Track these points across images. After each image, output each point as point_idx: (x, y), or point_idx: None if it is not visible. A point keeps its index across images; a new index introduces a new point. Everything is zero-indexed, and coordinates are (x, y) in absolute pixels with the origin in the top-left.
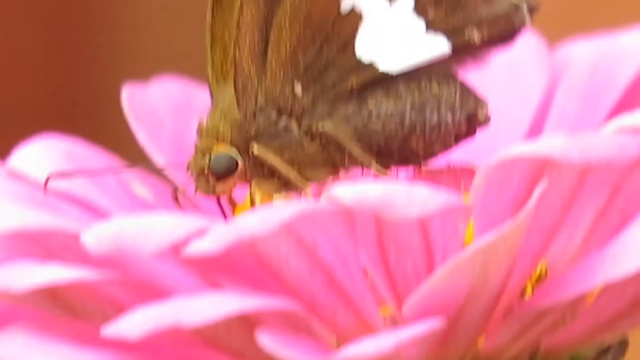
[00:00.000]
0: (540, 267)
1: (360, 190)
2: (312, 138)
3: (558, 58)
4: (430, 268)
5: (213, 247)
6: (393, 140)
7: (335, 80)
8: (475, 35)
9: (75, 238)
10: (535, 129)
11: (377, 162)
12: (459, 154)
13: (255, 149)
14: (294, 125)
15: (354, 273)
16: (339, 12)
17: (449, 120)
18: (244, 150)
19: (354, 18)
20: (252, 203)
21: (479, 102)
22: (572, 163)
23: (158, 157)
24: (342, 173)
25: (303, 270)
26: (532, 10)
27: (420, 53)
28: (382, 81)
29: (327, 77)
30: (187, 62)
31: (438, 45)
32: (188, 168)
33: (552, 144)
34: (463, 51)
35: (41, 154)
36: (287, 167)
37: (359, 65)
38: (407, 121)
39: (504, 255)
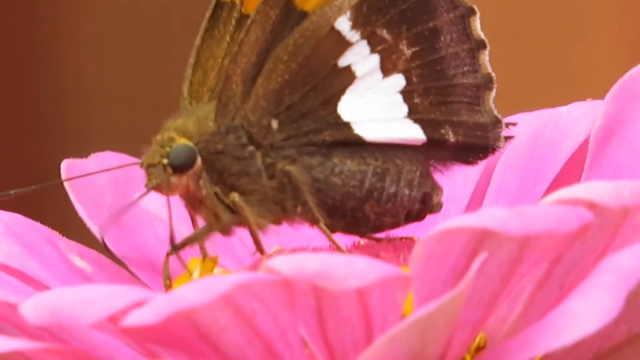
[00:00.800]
0: (479, 338)
1: (299, 260)
2: (272, 175)
3: None
4: (369, 339)
5: (152, 317)
6: (349, 199)
7: (310, 129)
8: (451, 135)
9: (13, 308)
10: (475, 202)
11: (326, 221)
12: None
13: (235, 198)
14: (258, 156)
15: (293, 344)
16: (335, 66)
17: (406, 194)
18: (205, 159)
19: (347, 76)
20: (190, 274)
21: (435, 186)
22: (512, 234)
23: (96, 229)
24: (287, 220)
25: (242, 340)
26: (507, 138)
27: (396, 133)
28: (352, 144)
29: (305, 123)
30: (126, 141)
31: (414, 132)
32: (142, 164)
33: (492, 215)
34: (436, 145)
35: None
36: (255, 220)
37: (337, 122)
38: (366, 183)
39: (443, 326)
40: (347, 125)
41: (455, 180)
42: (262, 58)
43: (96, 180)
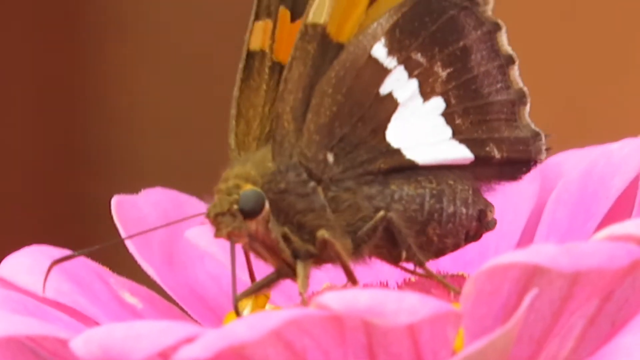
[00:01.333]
0: None
1: (350, 296)
2: (337, 209)
3: (549, 167)
4: None
5: (202, 352)
6: (412, 224)
7: (364, 159)
8: (496, 152)
9: (64, 344)
10: (526, 238)
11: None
12: (450, 264)
13: (324, 235)
14: (320, 191)
15: None
16: (377, 94)
17: (463, 212)
18: (271, 202)
19: (390, 104)
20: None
21: (488, 203)
22: (562, 271)
23: (147, 267)
24: (362, 253)
25: None
26: (548, 149)
27: (445, 154)
28: (406, 169)
29: (358, 153)
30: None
31: (462, 152)
32: (208, 213)
33: (542, 251)
34: (482, 163)
35: (30, 263)
36: (347, 260)
37: (388, 150)
38: (426, 205)
39: None
40: (398, 152)
41: (505, 217)
42: (308, 93)
43: (147, 216)
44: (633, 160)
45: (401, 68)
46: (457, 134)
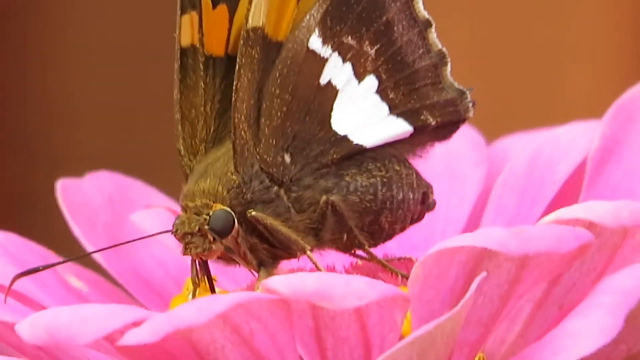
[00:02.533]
0: (478, 358)
1: (297, 280)
2: (301, 210)
3: (496, 151)
4: (367, 358)
5: (149, 336)
6: (368, 214)
7: (317, 153)
8: (430, 119)
9: (10, 327)
10: (473, 223)
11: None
12: (397, 248)
13: (255, 213)
14: (282, 194)
15: None
16: (319, 85)
17: (411, 197)
18: (239, 215)
19: (331, 92)
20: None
21: (428, 185)
22: (511, 254)
23: (92, 250)
24: (323, 245)
25: None
26: (473, 103)
27: (387, 132)
28: (355, 155)
29: (311, 148)
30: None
31: (401, 126)
32: (176, 230)
33: (490, 235)
34: (420, 133)
35: None
36: (287, 229)
37: (336, 139)
38: (379, 195)
39: (442, 345)
40: (345, 139)
41: (452, 201)
42: (258, 98)
43: (92, 200)
44: (579, 144)
45: (336, 55)
46: (393, 109)
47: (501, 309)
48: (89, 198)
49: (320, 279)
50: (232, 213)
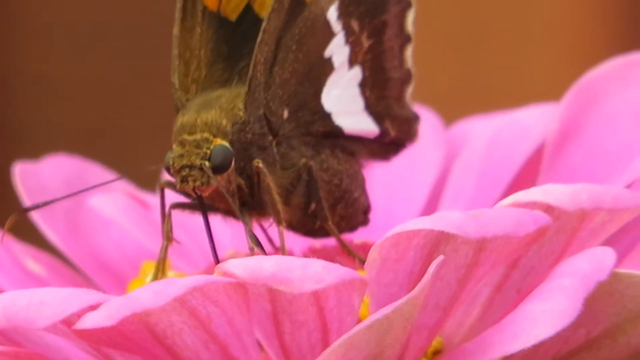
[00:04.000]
0: (436, 342)
1: (254, 263)
2: (284, 167)
3: (455, 134)
4: (325, 342)
5: (106, 320)
6: (330, 197)
7: (307, 120)
8: (391, 129)
9: None
10: (431, 206)
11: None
12: (355, 232)
13: (261, 165)
14: (274, 146)
15: (248, 347)
16: (322, 56)
17: (362, 201)
18: (236, 152)
19: (329, 67)
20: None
21: (369, 201)
22: (468, 237)
23: (50, 233)
24: (288, 216)
25: (197, 344)
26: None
27: (361, 125)
28: (332, 137)
29: (303, 113)
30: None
31: (371, 125)
32: (172, 163)
33: (448, 218)
34: (379, 139)
35: None
36: (277, 196)
37: (322, 113)
38: (343, 184)
39: (400, 329)
40: (329, 116)
41: (410, 184)
42: (276, 47)
43: (49, 184)
44: (538, 127)
45: (342, 34)
46: (367, 107)
47: (459, 292)
48: (47, 182)
49: (278, 263)
50: (232, 151)
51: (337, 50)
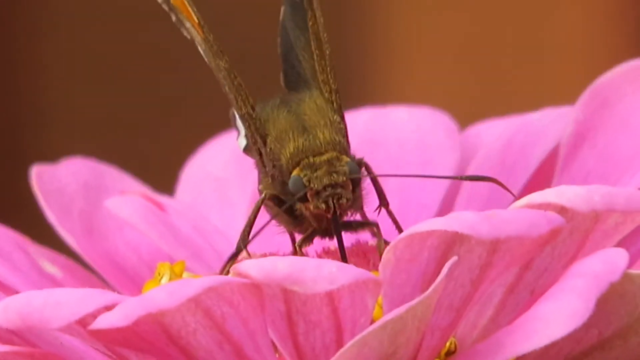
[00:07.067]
0: (449, 342)
1: (268, 264)
2: None
3: (469, 138)
4: (339, 343)
5: (121, 320)
6: None
7: None
8: None
9: None
10: (446, 208)
11: None
12: (368, 234)
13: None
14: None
15: (262, 348)
16: None
17: None
18: None
19: None
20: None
21: None
22: (482, 238)
23: (67, 237)
24: None
25: (211, 344)
26: None
27: None
28: None
29: None
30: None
31: None
32: (311, 185)
33: (462, 219)
34: None
35: None
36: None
37: None
38: None
39: (413, 330)
40: None
41: (425, 187)
42: None
43: (67, 186)
44: (553, 130)
45: None
46: None
47: (473, 293)
48: (63, 184)
49: (292, 263)
50: (356, 164)
51: None
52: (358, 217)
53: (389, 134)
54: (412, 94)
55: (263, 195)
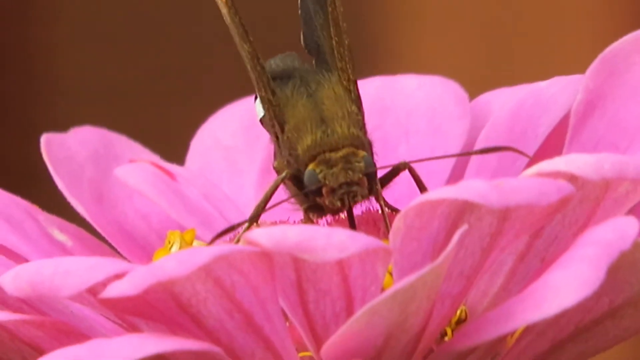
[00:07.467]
0: (460, 310)
1: (279, 232)
2: None
3: (478, 105)
4: (349, 311)
5: (131, 289)
6: None
7: None
8: None
9: None
10: (456, 177)
11: None
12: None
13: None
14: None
15: (272, 316)
16: None
17: None
18: None
19: None
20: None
21: None
22: (492, 206)
23: (77, 205)
24: None
25: (221, 313)
26: None
27: None
28: None
29: None
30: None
31: None
32: (326, 181)
33: (472, 187)
34: None
35: None
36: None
37: None
38: None
39: (424, 298)
40: None
41: (435, 155)
42: None
43: (76, 154)
44: (562, 98)
45: None
46: None
47: (483, 261)
48: (73, 152)
49: (302, 232)
50: (372, 159)
51: None
52: None
53: (399, 102)
54: (422, 64)
55: (284, 173)
